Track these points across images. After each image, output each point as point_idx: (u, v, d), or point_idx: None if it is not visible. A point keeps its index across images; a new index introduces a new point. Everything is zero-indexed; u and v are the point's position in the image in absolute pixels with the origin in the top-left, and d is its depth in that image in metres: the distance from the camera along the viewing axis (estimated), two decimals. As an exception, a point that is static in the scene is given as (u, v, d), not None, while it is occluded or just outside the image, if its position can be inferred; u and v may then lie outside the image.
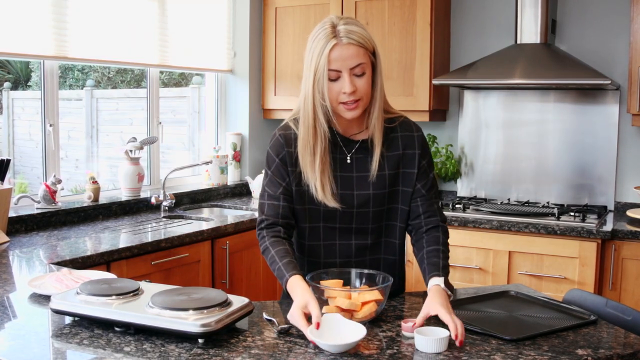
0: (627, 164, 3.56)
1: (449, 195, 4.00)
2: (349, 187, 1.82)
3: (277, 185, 1.83)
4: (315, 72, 1.69)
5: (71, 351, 1.46)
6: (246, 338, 1.52)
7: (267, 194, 1.85)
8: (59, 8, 3.06)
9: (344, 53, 1.67)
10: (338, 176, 1.82)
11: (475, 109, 3.88)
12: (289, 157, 1.82)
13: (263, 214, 1.84)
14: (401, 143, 1.85)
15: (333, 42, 1.67)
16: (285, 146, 1.82)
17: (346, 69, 1.69)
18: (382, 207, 1.85)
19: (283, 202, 1.82)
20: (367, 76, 1.72)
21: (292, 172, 1.82)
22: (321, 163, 1.76)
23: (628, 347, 1.53)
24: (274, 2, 4.07)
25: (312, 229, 1.87)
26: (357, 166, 1.83)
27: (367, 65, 1.72)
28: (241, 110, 4.19)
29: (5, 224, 2.69)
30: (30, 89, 5.66)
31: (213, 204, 3.80)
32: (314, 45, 1.70)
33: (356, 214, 1.84)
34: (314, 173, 1.77)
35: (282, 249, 1.76)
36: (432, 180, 1.89)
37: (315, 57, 1.69)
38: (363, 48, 1.69)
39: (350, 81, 1.69)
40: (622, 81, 3.48)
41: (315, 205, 1.82)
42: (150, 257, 2.68)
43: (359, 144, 1.84)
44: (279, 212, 1.82)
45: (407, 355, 1.45)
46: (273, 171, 1.84)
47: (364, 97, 1.73)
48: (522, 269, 3.19)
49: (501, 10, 3.79)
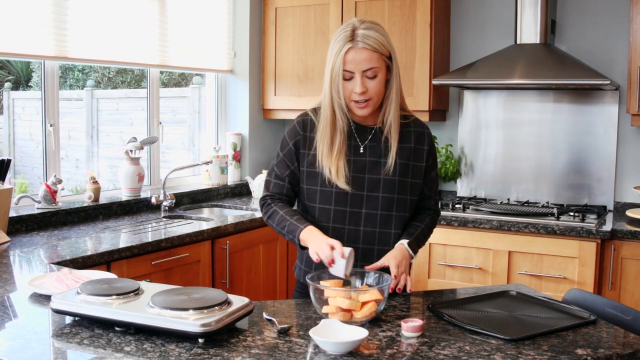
0: (626, 164, 3.56)
1: (449, 195, 4.01)
2: (361, 170, 1.94)
3: (285, 167, 1.99)
4: (332, 71, 1.85)
5: (71, 351, 1.46)
6: (246, 338, 1.53)
7: (274, 173, 2.01)
8: (59, 8, 3.06)
9: (358, 56, 1.81)
10: (351, 160, 1.93)
11: (475, 109, 3.89)
12: (304, 141, 1.96)
13: (268, 190, 2.02)
14: (413, 137, 1.97)
15: (349, 45, 1.81)
16: (301, 131, 1.97)
17: (359, 71, 1.83)
18: (392, 194, 1.93)
19: (288, 184, 1.99)
20: (379, 79, 1.85)
21: (305, 155, 1.96)
22: (338, 152, 1.90)
23: (627, 347, 1.53)
24: (274, 2, 4.08)
25: (323, 210, 1.95)
26: (370, 153, 1.94)
27: (381, 69, 1.85)
28: (241, 110, 4.19)
29: (5, 223, 2.69)
30: (31, 89, 5.65)
31: (213, 204, 3.80)
32: (333, 46, 1.85)
33: (366, 197, 1.93)
34: (330, 160, 1.90)
35: (289, 210, 1.95)
36: (434, 179, 2.03)
37: (333, 57, 1.84)
38: (377, 53, 1.83)
39: (362, 82, 1.83)
40: (621, 81, 3.48)
41: (327, 187, 1.93)
42: (150, 257, 2.68)
43: (373, 134, 1.95)
44: (283, 191, 1.99)
45: (407, 355, 1.45)
46: (285, 154, 1.99)
47: (374, 97, 1.87)
48: (522, 268, 3.19)
49: (501, 11, 3.79)
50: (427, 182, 2.00)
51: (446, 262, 3.33)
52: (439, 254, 3.35)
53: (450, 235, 3.30)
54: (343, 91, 1.85)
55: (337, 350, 1.43)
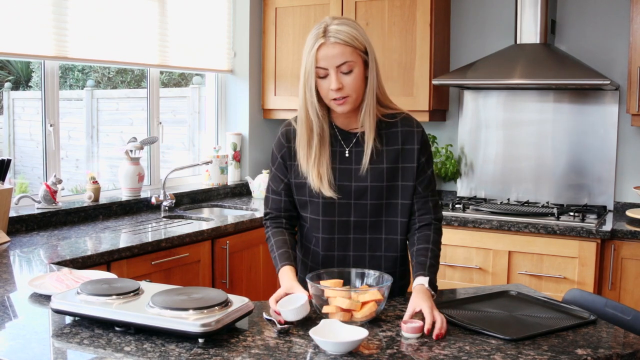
0: (626, 164, 3.56)
1: (449, 195, 4.01)
2: (347, 178, 1.88)
3: (279, 181, 1.95)
4: (305, 70, 1.79)
5: (71, 351, 1.46)
6: (246, 338, 1.53)
7: (271, 189, 1.99)
8: (59, 8, 3.06)
9: (330, 52, 1.75)
10: (337, 168, 1.88)
11: (475, 109, 3.89)
12: (289, 152, 1.92)
13: (267, 207, 1.99)
14: (400, 138, 1.89)
15: (321, 41, 1.76)
16: (285, 142, 1.93)
17: (332, 67, 1.76)
18: (380, 200, 1.89)
19: (285, 197, 1.96)
20: (355, 73, 1.78)
21: (291, 166, 1.92)
22: (317, 155, 1.85)
23: (627, 347, 1.53)
24: (274, 2, 4.08)
25: (313, 220, 1.93)
26: (355, 159, 1.89)
27: (356, 63, 1.78)
28: (241, 110, 4.19)
29: (5, 223, 2.69)
30: (31, 89, 5.66)
31: (213, 204, 3.80)
32: (306, 45, 1.80)
33: (354, 205, 1.88)
34: (310, 165, 1.86)
35: (280, 239, 1.91)
36: (430, 177, 1.92)
37: (305, 55, 1.79)
38: (350, 47, 1.76)
39: (337, 78, 1.77)
40: (621, 81, 3.48)
41: (315, 197, 1.89)
42: (150, 257, 2.68)
43: (357, 138, 1.89)
44: (281, 206, 1.96)
45: (407, 356, 1.45)
46: (276, 168, 1.96)
47: (352, 93, 1.79)
48: (522, 268, 3.19)
49: (501, 10, 3.79)
50: (422, 181, 1.89)
51: (446, 262, 3.33)
52: (439, 254, 3.35)
53: (450, 235, 3.30)
54: (321, 91, 1.79)
55: (337, 350, 1.43)
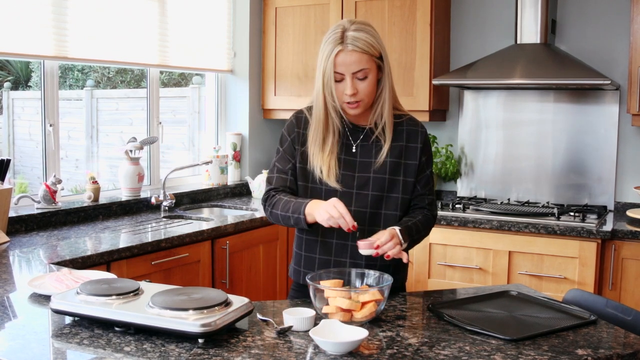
0: (627, 164, 3.56)
1: (449, 195, 4.00)
2: (351, 169, 1.96)
3: (287, 161, 2.01)
4: (324, 74, 1.87)
5: (71, 351, 1.46)
6: (246, 338, 1.52)
7: (276, 168, 2.03)
8: (59, 8, 3.06)
9: (347, 59, 1.84)
10: (342, 159, 1.96)
11: (475, 109, 3.89)
12: (298, 137, 1.99)
13: (271, 185, 2.02)
14: (405, 135, 1.98)
15: (339, 48, 1.84)
16: (296, 127, 2.01)
17: (349, 73, 1.85)
18: (381, 192, 1.95)
19: (290, 177, 2.00)
20: (369, 79, 1.87)
21: (298, 151, 1.98)
22: (330, 152, 1.93)
23: (628, 347, 1.53)
24: (274, 2, 4.07)
25: None
26: (361, 153, 1.97)
27: (371, 70, 1.87)
28: (241, 110, 4.19)
29: (5, 224, 2.69)
30: (31, 89, 5.65)
31: (213, 204, 3.80)
32: (324, 48, 1.87)
33: (356, 195, 1.95)
34: (322, 160, 1.92)
35: (294, 196, 1.96)
36: (428, 177, 2.01)
37: (324, 60, 1.86)
38: (367, 54, 1.85)
39: (352, 84, 1.86)
40: (622, 81, 3.48)
41: (317, 184, 1.96)
42: (150, 257, 2.68)
43: (365, 133, 1.97)
44: (286, 184, 2.00)
45: (407, 356, 1.45)
46: (285, 149, 2.01)
47: (364, 98, 1.89)
48: (522, 269, 3.19)
49: (501, 10, 3.79)
50: (421, 179, 1.99)
51: (446, 262, 3.33)
52: (439, 254, 3.35)
53: (450, 235, 3.30)
54: (335, 93, 1.87)
55: (337, 351, 1.43)
